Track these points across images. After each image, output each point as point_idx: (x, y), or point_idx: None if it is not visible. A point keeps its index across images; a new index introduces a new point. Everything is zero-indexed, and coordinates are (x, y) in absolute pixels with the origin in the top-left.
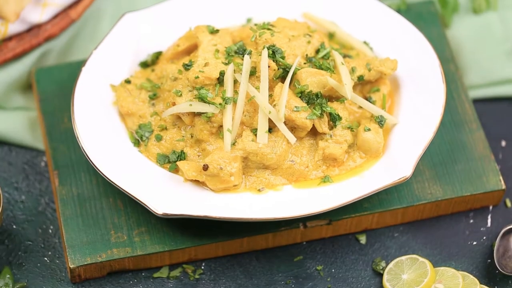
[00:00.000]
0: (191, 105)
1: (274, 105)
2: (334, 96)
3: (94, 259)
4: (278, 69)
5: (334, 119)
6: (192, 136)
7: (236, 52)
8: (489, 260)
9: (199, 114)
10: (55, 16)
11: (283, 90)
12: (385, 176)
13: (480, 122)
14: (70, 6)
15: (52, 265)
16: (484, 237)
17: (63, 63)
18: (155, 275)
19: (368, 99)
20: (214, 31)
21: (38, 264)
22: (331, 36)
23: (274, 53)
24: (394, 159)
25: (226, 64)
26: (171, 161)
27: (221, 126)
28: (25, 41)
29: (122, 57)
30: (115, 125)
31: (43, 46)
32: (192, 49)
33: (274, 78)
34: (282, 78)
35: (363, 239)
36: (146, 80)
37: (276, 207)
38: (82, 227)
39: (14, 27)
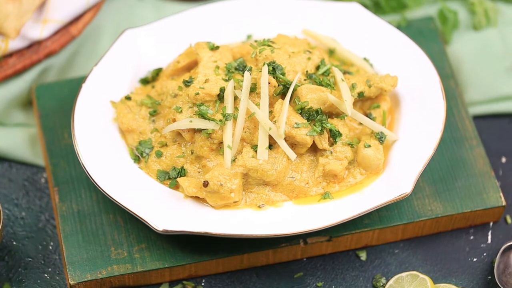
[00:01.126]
0: (191, 121)
1: (275, 121)
2: (334, 113)
3: (94, 276)
4: (278, 85)
5: (334, 135)
6: (192, 153)
7: (236, 69)
8: (489, 277)
9: (199, 130)
10: (56, 33)
11: (283, 107)
12: (385, 192)
13: (480, 138)
14: (71, 23)
15: (52, 281)
16: (485, 254)
17: (63, 79)
18: None
19: (368, 115)
20: (214, 48)
21: (38, 281)
22: (331, 52)
23: (274, 69)
24: (395, 175)
25: (226, 80)
26: (171, 178)
27: (222, 142)
28: (25, 57)
29: (122, 73)
30: (115, 142)
31: (44, 63)
32: (192, 65)
33: (275, 95)
34: (282, 95)
35: (363, 255)
36: (147, 97)
37: (276, 223)
38: (82, 243)
39: (14, 44)
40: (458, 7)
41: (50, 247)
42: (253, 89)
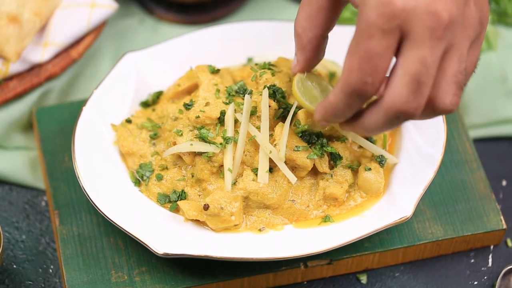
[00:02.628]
0: (192, 144)
1: (275, 144)
2: (334, 136)
3: None
4: (279, 108)
5: (334, 158)
6: (192, 176)
7: (236, 92)
8: None
9: (200, 153)
10: (56, 56)
11: (284, 130)
12: (386, 215)
13: (481, 161)
14: (71, 46)
15: None
16: (485, 277)
17: (64, 102)
18: None
19: (368, 138)
20: (214, 71)
21: None
22: (332, 75)
23: (274, 92)
24: (395, 198)
25: (226, 103)
26: (171, 201)
27: (222, 165)
28: (26, 80)
29: (123, 96)
30: (115, 165)
31: (44, 86)
32: (192, 88)
33: (275, 118)
34: (283, 118)
35: (364, 278)
36: (147, 120)
37: (276, 246)
38: (82, 266)
39: (15, 67)
40: None
41: (51, 270)
42: (254, 112)
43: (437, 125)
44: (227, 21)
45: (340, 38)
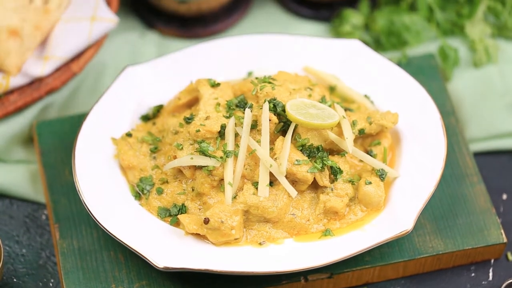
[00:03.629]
0: (192, 158)
1: (275, 158)
2: (335, 150)
3: None
4: (279, 122)
5: (335, 172)
6: (193, 190)
7: (237, 106)
8: None
9: (200, 167)
10: (57, 70)
11: (285, 144)
12: (386, 229)
13: (481, 175)
14: (72, 60)
15: None
16: None
17: (64, 116)
18: None
19: (369, 152)
20: (215, 85)
21: None
22: (332, 89)
23: (275, 106)
24: (395, 212)
25: (227, 117)
26: (172, 215)
27: (222, 179)
28: (26, 94)
29: (123, 110)
30: (116, 179)
31: (45, 99)
32: (193, 102)
33: (275, 132)
34: (283, 132)
35: None
36: (147, 134)
37: (277, 260)
38: (83, 280)
39: (15, 80)
40: (459, 44)
41: (51, 284)
42: (254, 126)
43: (437, 139)
44: (228, 35)
45: (340, 52)
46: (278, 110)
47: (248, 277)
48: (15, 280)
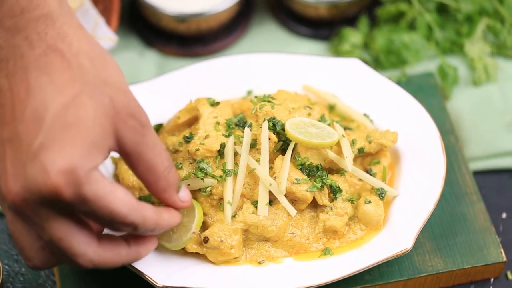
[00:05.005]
0: (189, 184)
1: (275, 177)
2: (334, 168)
3: None
4: (279, 141)
5: (334, 191)
6: None
7: (236, 125)
8: None
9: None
10: None
11: (284, 163)
12: (386, 248)
13: (481, 194)
14: None
15: None
16: None
17: None
18: None
19: (368, 171)
20: (214, 104)
21: None
22: (331, 108)
23: (274, 125)
24: (395, 231)
25: (226, 136)
26: None
27: (222, 198)
28: None
29: None
30: None
31: None
32: (192, 121)
33: (275, 151)
34: (283, 151)
35: None
36: None
37: (276, 279)
38: None
39: None
40: (458, 63)
41: None
42: (254, 145)
43: (437, 158)
44: (227, 54)
45: (339, 70)
46: (277, 129)
47: None
48: None
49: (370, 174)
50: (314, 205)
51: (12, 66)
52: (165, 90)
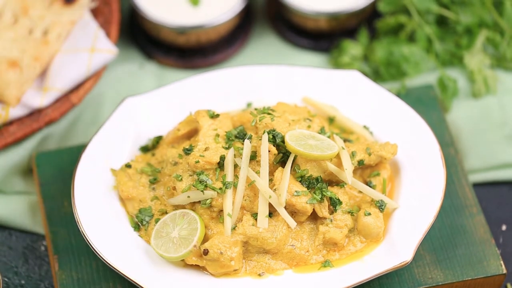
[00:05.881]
0: (189, 196)
1: (275, 189)
2: (334, 180)
3: None
4: (279, 153)
5: (334, 203)
6: None
7: (236, 137)
8: None
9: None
10: (56, 101)
11: (284, 175)
12: (385, 260)
13: (481, 206)
14: (71, 91)
15: None
16: None
17: (63, 147)
18: None
19: (368, 183)
20: (214, 116)
21: None
22: (331, 120)
23: (274, 137)
24: (395, 243)
25: (226, 148)
26: None
27: (222, 210)
28: (25, 125)
29: (122, 141)
30: (115, 210)
31: (44, 131)
32: (192, 133)
33: (275, 163)
34: (282, 163)
35: None
36: (147, 165)
37: None
38: None
39: (15, 112)
40: (458, 75)
41: None
42: (253, 157)
43: (436, 170)
44: (227, 66)
45: (339, 83)
46: (277, 141)
47: None
48: None
49: (370, 186)
50: (314, 217)
51: None
52: (164, 102)
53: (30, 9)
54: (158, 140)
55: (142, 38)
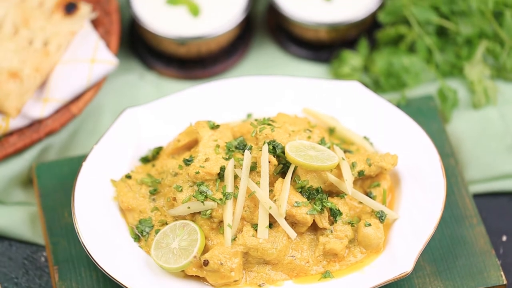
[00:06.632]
0: (189, 207)
1: (275, 200)
2: (334, 191)
3: None
4: (279, 164)
5: (334, 214)
6: None
7: (236, 147)
8: None
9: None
10: (56, 112)
11: (284, 186)
12: (386, 271)
13: (481, 217)
14: (71, 102)
15: None
16: None
17: (63, 158)
18: None
19: (368, 194)
20: (214, 126)
21: None
22: (331, 131)
23: (274, 148)
24: (395, 254)
25: (226, 159)
26: None
27: (222, 221)
28: (26, 136)
29: (122, 152)
30: (115, 220)
31: (44, 141)
32: (192, 144)
33: (275, 173)
34: (283, 173)
35: None
36: (147, 175)
37: None
38: None
39: (15, 122)
40: (458, 85)
41: None
42: (254, 168)
43: (436, 180)
44: (227, 77)
45: (339, 93)
46: (277, 152)
47: None
48: None
49: (370, 197)
50: (314, 228)
51: None
52: (165, 113)
53: (31, 20)
54: (158, 150)
55: (142, 48)
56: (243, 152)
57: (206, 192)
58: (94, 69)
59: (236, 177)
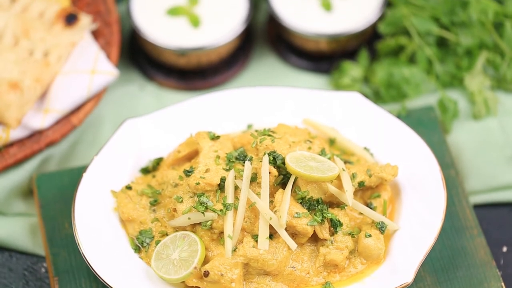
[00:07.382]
0: (189, 218)
1: (275, 211)
2: (335, 202)
3: None
4: (279, 175)
5: (335, 225)
6: None
7: (237, 158)
8: None
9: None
10: (57, 122)
11: (285, 197)
12: (386, 282)
13: (481, 228)
14: (72, 112)
15: None
16: None
17: (64, 169)
18: None
19: (368, 205)
20: (215, 137)
21: None
22: (331, 142)
23: (275, 159)
24: (395, 265)
25: (227, 170)
26: None
27: (222, 232)
28: (26, 146)
29: (123, 163)
30: (115, 231)
31: (44, 152)
32: (193, 155)
33: (275, 184)
34: (283, 184)
35: None
36: (147, 186)
37: None
38: None
39: (15, 133)
40: (458, 96)
41: None
42: (254, 178)
43: (437, 191)
44: (227, 87)
45: (339, 104)
46: (278, 162)
47: None
48: None
49: (371, 208)
50: (315, 239)
51: None
52: (165, 123)
53: (31, 31)
54: (158, 161)
55: (142, 59)
56: (244, 163)
57: (206, 203)
58: (95, 80)
59: (236, 188)
